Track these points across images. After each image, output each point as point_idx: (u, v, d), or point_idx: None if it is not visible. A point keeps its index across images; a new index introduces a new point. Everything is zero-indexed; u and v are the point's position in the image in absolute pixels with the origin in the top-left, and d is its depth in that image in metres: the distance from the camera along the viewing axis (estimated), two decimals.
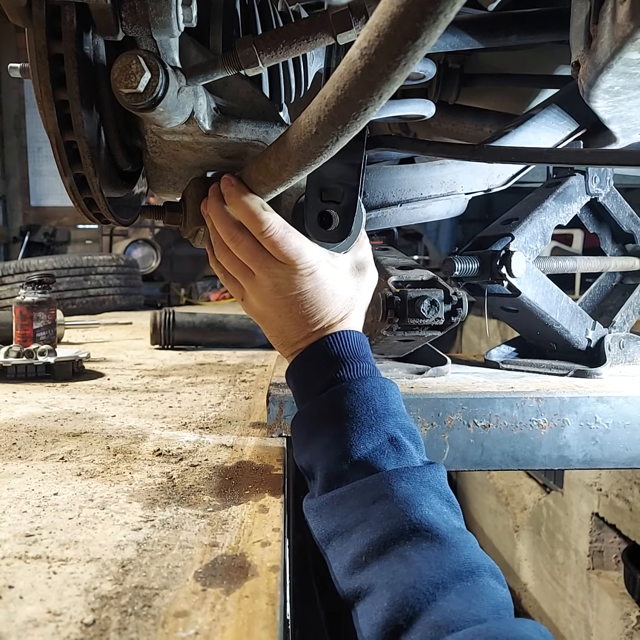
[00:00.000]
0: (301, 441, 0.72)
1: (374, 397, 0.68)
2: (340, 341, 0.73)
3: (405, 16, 0.44)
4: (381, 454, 0.64)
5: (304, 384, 0.74)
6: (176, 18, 0.60)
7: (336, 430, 0.66)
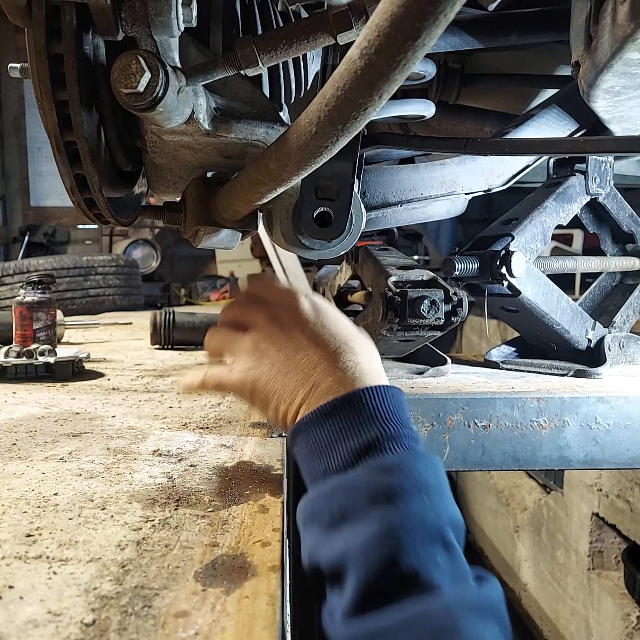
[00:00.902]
0: (321, 526, 0.55)
1: (428, 482, 0.54)
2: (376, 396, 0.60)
3: (406, 16, 0.44)
4: (435, 567, 0.50)
5: (322, 450, 0.60)
6: (176, 18, 0.60)
7: (381, 524, 0.51)
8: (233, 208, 0.73)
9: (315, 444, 0.61)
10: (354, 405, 0.60)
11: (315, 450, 0.61)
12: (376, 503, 0.52)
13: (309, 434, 0.62)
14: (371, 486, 0.54)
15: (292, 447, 0.65)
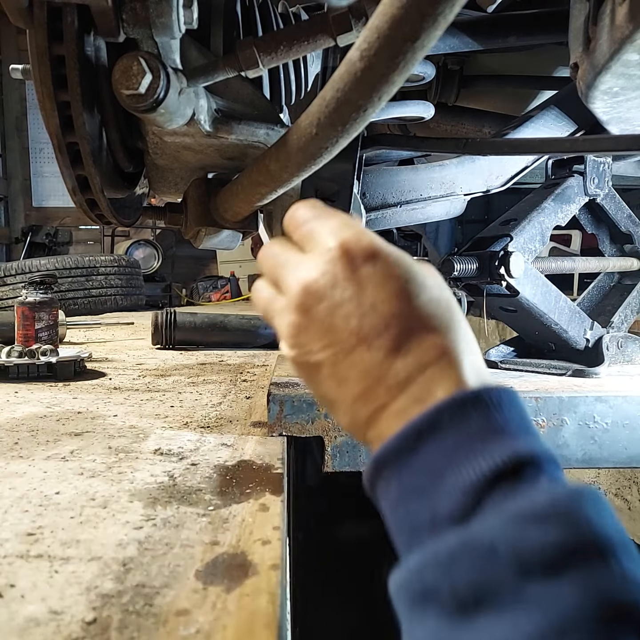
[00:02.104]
0: (442, 613, 0.34)
1: (608, 535, 0.34)
2: (490, 401, 0.40)
3: (405, 18, 0.44)
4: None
5: (424, 487, 0.39)
6: (177, 20, 0.60)
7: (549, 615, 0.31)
8: (234, 209, 0.73)
9: (411, 480, 0.40)
10: (459, 417, 0.40)
11: (414, 491, 0.40)
12: (533, 575, 0.32)
13: (401, 466, 0.41)
14: (518, 548, 0.33)
15: (375, 486, 0.43)
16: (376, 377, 0.44)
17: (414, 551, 0.38)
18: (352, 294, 0.46)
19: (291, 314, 0.48)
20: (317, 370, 0.48)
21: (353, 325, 0.45)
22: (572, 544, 0.33)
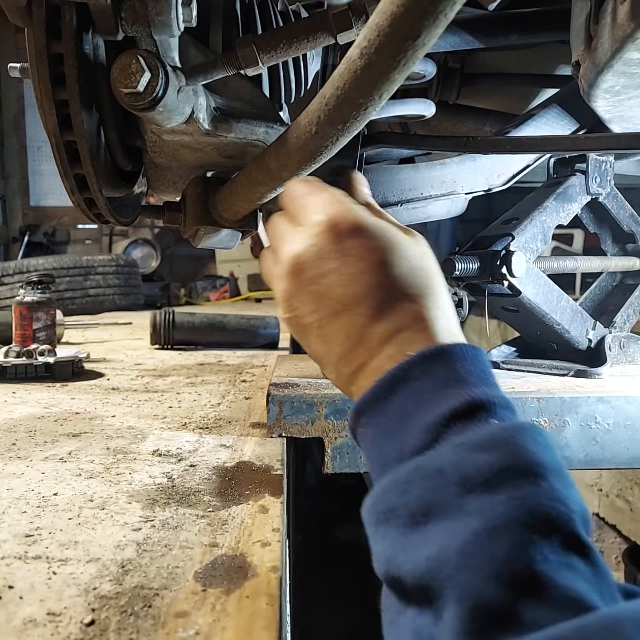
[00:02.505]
0: (399, 527, 0.40)
1: (542, 460, 0.40)
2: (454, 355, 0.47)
3: (406, 16, 0.44)
4: (576, 575, 0.35)
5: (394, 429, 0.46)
6: (176, 18, 0.60)
7: (483, 518, 0.36)
8: (233, 208, 0.73)
9: (383, 423, 0.47)
10: (425, 368, 0.46)
11: (384, 432, 0.47)
12: (472, 491, 0.38)
13: (374, 412, 0.48)
14: (461, 469, 0.39)
15: (356, 431, 0.50)
16: (357, 339, 0.51)
17: (382, 480, 0.44)
18: (337, 265, 0.52)
19: (283, 281, 0.55)
20: (307, 331, 0.55)
21: (337, 293, 0.52)
22: (507, 465, 0.38)
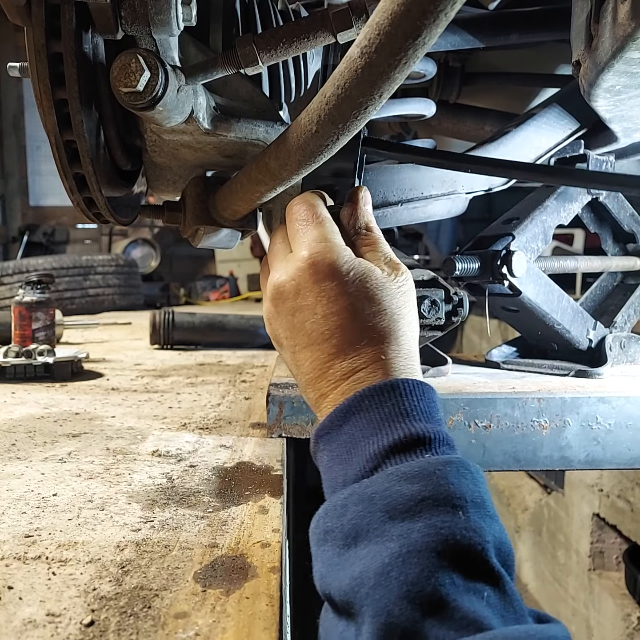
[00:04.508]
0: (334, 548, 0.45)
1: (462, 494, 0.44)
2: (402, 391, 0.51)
3: (406, 15, 0.44)
4: (479, 600, 0.38)
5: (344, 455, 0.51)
6: (176, 17, 0.59)
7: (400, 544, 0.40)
8: (233, 207, 0.73)
9: (335, 449, 0.52)
10: (374, 402, 0.51)
11: (336, 457, 0.51)
12: (395, 518, 0.42)
13: (330, 438, 0.53)
14: (387, 497, 0.44)
15: (316, 455, 0.56)
16: (320, 373, 0.57)
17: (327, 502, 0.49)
18: (310, 303, 0.57)
19: (267, 302, 0.63)
20: (283, 350, 0.62)
21: (307, 329, 0.57)
22: (428, 496, 0.43)
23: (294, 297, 0.58)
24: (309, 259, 0.58)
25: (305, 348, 0.58)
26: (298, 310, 0.58)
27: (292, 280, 0.58)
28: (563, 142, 1.17)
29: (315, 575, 0.46)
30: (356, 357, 0.55)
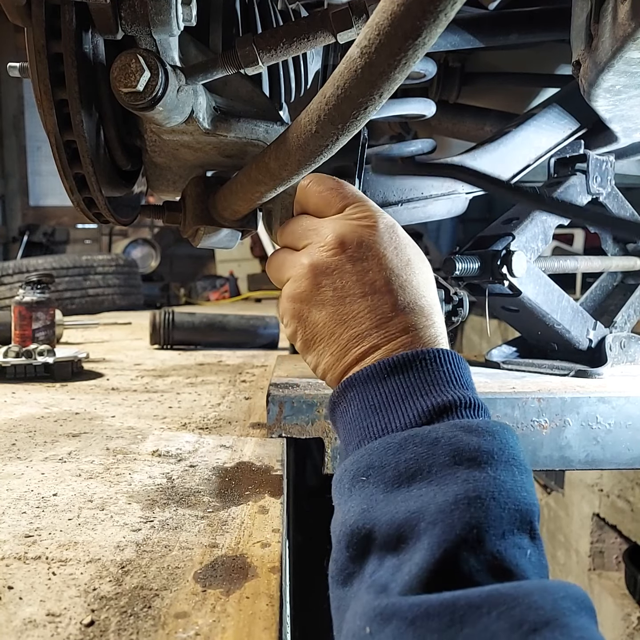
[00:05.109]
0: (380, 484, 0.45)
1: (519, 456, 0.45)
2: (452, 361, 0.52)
3: (406, 15, 0.44)
4: (523, 556, 0.40)
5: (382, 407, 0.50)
6: (176, 17, 0.59)
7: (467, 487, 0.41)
8: (233, 207, 0.73)
9: (374, 399, 0.51)
10: (429, 365, 0.51)
11: (374, 407, 0.50)
12: (461, 463, 0.43)
13: (367, 388, 0.51)
14: (455, 444, 0.44)
15: (337, 406, 0.54)
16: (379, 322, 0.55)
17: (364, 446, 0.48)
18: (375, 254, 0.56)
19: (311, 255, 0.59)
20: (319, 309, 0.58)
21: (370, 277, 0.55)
22: (492, 450, 0.44)
23: (356, 247, 0.56)
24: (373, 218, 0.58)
25: (363, 297, 0.55)
26: (360, 260, 0.56)
27: (355, 232, 0.57)
28: (563, 142, 1.17)
29: (348, 511, 0.45)
30: (419, 314, 0.55)
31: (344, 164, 0.71)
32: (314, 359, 0.60)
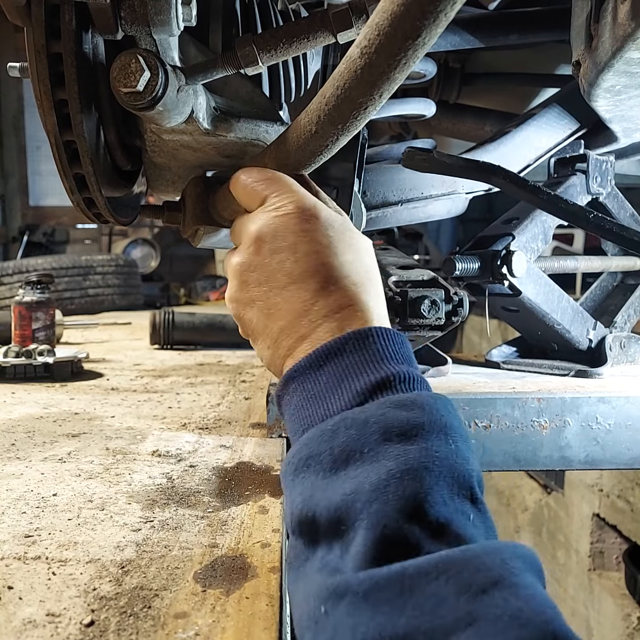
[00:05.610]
0: (318, 471, 0.45)
1: (452, 424, 0.46)
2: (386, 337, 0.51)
3: (406, 15, 0.44)
4: (466, 520, 0.41)
5: (321, 395, 0.50)
6: (176, 17, 0.59)
7: (398, 462, 0.42)
8: (232, 207, 0.73)
9: (313, 388, 0.51)
10: (360, 345, 0.50)
11: (313, 396, 0.51)
12: (391, 439, 0.43)
13: (306, 378, 0.52)
14: (383, 421, 0.44)
15: (281, 399, 0.55)
16: (301, 312, 0.54)
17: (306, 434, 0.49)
18: (290, 243, 0.56)
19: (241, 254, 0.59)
20: (250, 305, 0.58)
21: (287, 268, 0.55)
22: (422, 422, 0.44)
23: (271, 239, 0.56)
24: (288, 204, 0.57)
25: (283, 289, 0.55)
26: (276, 252, 0.56)
27: (270, 224, 0.57)
28: (563, 142, 1.17)
29: (293, 501, 0.46)
30: (339, 295, 0.54)
31: (343, 164, 0.71)
32: (258, 352, 0.61)
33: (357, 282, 0.55)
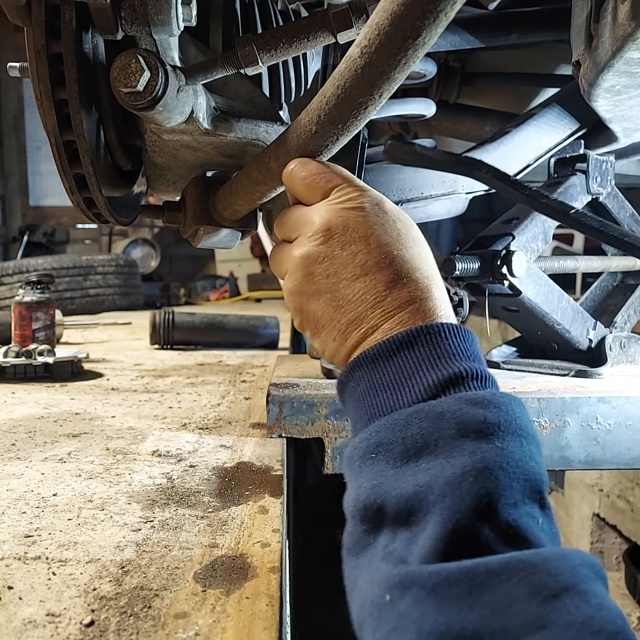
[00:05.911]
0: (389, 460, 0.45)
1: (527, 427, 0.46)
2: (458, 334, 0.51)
3: (406, 15, 0.44)
4: (535, 525, 0.41)
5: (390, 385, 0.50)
6: (176, 17, 0.59)
7: (474, 459, 0.42)
8: (233, 207, 0.73)
9: (381, 378, 0.51)
10: (432, 339, 0.50)
11: (381, 386, 0.51)
12: (467, 436, 0.43)
13: (374, 367, 0.52)
14: (460, 417, 0.44)
15: (345, 386, 0.54)
16: (375, 301, 0.54)
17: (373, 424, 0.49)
18: (363, 235, 0.56)
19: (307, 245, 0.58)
20: (317, 296, 0.58)
21: (360, 259, 0.55)
22: (498, 422, 0.44)
23: (342, 231, 0.56)
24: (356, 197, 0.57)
25: (355, 281, 0.55)
26: (348, 244, 0.56)
27: (339, 216, 0.57)
28: (563, 142, 1.17)
29: (360, 486, 0.46)
30: (414, 287, 0.54)
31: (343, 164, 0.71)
32: (320, 345, 0.60)
33: (428, 275, 0.56)
